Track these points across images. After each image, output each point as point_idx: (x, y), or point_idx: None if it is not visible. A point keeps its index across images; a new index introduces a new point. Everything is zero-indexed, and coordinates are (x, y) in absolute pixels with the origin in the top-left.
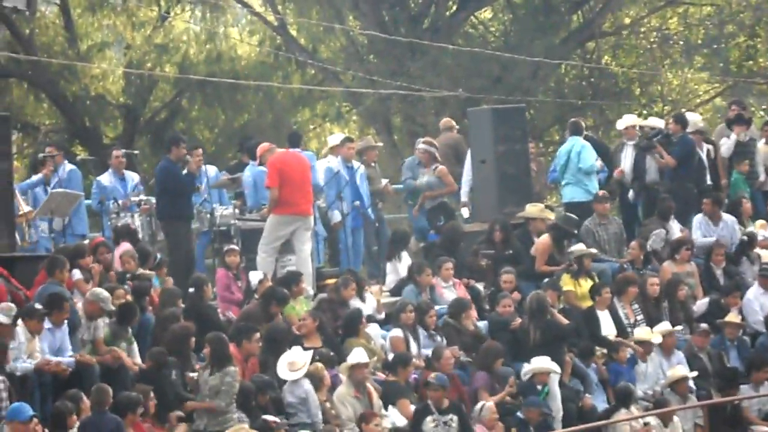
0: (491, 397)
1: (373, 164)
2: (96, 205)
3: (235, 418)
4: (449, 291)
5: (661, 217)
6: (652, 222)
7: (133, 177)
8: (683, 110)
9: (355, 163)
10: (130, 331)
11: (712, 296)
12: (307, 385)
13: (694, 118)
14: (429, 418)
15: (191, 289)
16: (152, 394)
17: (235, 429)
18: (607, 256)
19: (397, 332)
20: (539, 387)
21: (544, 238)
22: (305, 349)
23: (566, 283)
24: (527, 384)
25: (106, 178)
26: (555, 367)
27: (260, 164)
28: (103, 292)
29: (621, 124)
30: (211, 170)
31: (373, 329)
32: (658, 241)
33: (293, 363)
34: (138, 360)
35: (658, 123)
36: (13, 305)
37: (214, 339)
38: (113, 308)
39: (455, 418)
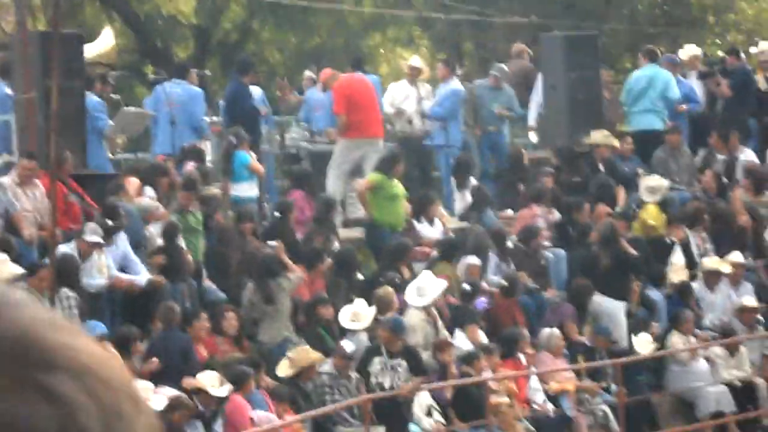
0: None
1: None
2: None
3: (292, 335)
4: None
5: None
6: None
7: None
8: (756, 39)
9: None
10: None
11: None
12: (363, 337)
13: (764, 47)
14: (377, 359)
15: (276, 213)
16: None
17: (297, 350)
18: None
19: (473, 260)
20: None
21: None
22: None
23: (651, 215)
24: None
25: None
26: None
27: (324, 90)
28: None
29: (684, 54)
30: (256, 92)
31: None
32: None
33: (356, 314)
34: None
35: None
36: (97, 226)
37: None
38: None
39: (404, 363)
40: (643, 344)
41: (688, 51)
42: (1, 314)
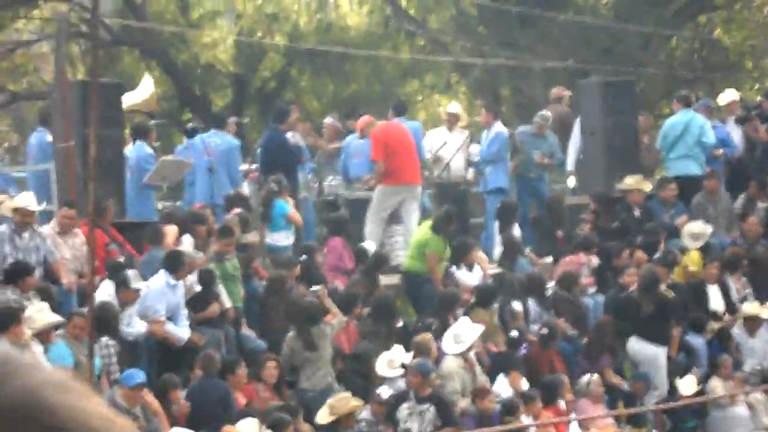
0: (616, 375)
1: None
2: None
3: (334, 381)
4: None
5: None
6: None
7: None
8: None
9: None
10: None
11: None
12: (401, 383)
13: None
14: (404, 405)
15: (303, 257)
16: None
17: (338, 398)
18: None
19: (517, 306)
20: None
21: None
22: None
23: (693, 261)
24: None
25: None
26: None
27: (361, 137)
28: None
29: (722, 99)
30: (296, 139)
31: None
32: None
33: (392, 361)
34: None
35: None
36: (138, 274)
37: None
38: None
39: (432, 409)
40: (688, 386)
41: (727, 96)
42: (8, 378)
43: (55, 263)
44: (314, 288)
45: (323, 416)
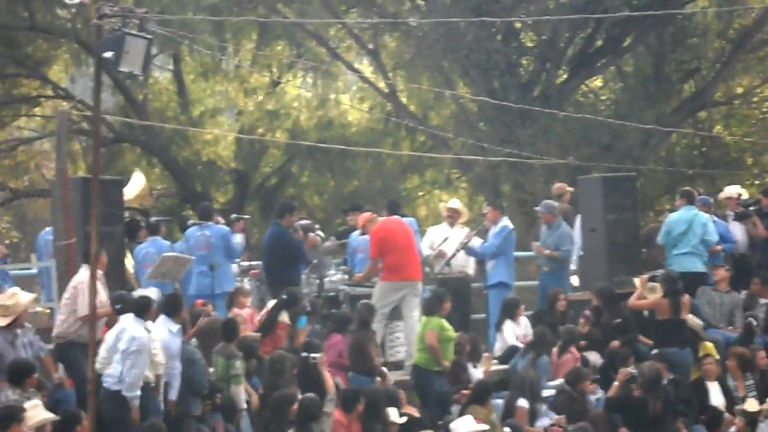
0: None
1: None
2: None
3: None
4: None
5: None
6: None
7: (240, 240)
8: None
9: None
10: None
11: None
12: None
13: None
14: None
15: (304, 353)
16: None
17: None
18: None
19: (523, 403)
20: None
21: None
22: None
23: (708, 348)
24: None
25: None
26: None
27: (363, 234)
28: None
29: (723, 194)
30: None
31: None
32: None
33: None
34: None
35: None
36: None
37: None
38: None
39: None
40: None
41: (729, 191)
42: None
43: (47, 359)
44: (314, 355)
45: None
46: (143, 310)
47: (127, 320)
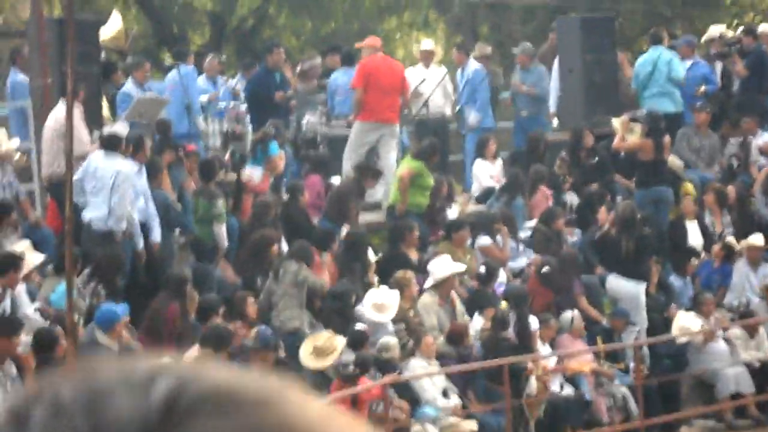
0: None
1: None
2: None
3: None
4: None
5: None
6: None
7: (224, 81)
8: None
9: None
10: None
11: None
12: (390, 327)
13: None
14: None
15: (286, 196)
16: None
17: (320, 337)
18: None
19: (485, 240)
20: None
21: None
22: None
23: (688, 190)
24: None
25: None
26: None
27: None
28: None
29: (706, 36)
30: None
31: None
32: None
33: (381, 305)
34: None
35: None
36: None
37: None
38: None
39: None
40: (690, 321)
41: (712, 32)
42: (271, 411)
43: (24, 201)
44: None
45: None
46: (114, 145)
47: (97, 157)
